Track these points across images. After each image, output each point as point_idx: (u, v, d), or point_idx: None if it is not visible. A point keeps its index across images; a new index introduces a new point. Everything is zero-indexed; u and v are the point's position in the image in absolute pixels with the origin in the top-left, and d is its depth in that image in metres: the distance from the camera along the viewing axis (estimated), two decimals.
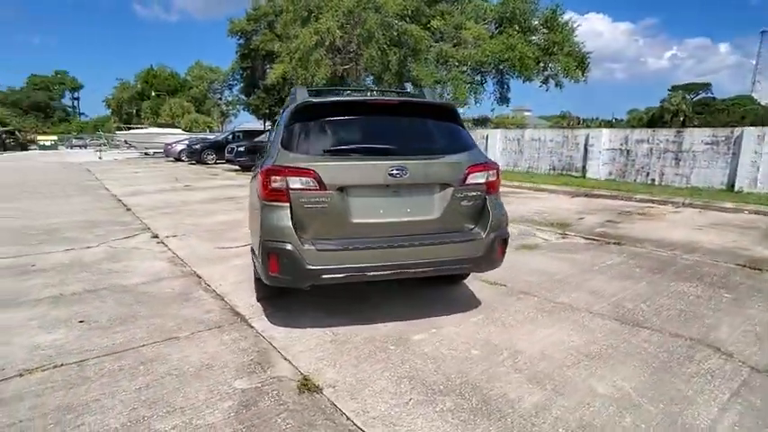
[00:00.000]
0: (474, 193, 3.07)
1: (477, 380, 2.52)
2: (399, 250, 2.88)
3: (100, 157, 26.34)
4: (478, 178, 3.08)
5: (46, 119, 61.66)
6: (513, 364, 2.70)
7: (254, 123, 36.40)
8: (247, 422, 2.13)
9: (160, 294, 3.83)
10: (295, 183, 2.77)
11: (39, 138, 40.77)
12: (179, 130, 31.06)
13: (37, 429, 2.05)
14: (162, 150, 24.88)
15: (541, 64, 18.15)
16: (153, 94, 48.08)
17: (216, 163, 20.03)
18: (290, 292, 3.73)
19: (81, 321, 3.24)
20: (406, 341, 3.00)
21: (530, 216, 7.79)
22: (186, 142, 23.18)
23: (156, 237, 6.02)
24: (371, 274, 2.88)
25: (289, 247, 2.73)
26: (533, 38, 18.50)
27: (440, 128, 3.29)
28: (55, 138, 41.81)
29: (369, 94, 3.73)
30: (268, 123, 34.27)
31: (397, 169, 2.84)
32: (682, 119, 42.20)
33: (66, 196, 9.99)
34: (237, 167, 17.50)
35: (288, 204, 2.78)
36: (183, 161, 21.80)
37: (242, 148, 18.10)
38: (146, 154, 28.23)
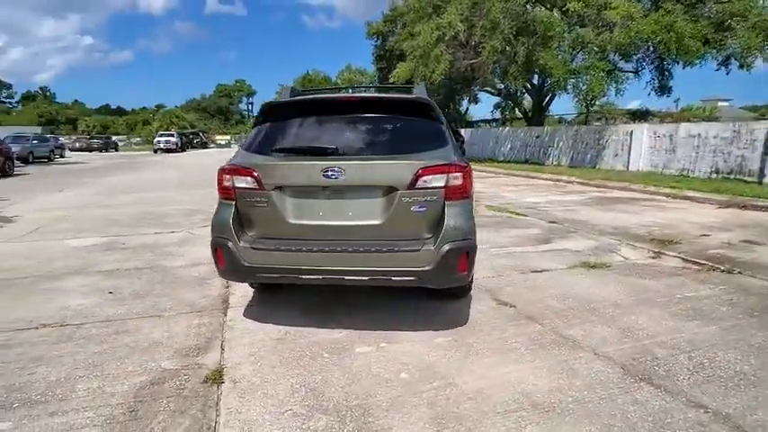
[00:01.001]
0: (426, 198, 2.79)
1: (375, 405, 2.32)
2: (336, 255, 2.80)
3: None
4: (433, 182, 2.79)
5: (226, 121, 75.06)
6: (432, 396, 2.40)
7: None
8: (140, 398, 2.38)
9: (185, 277, 4.43)
10: (240, 182, 2.93)
11: (217, 137, 49.87)
12: None
13: (3, 369, 2.64)
14: None
15: (708, 45, 14.80)
16: None
17: None
18: (281, 288, 3.94)
19: (110, 292, 3.97)
20: (347, 351, 2.91)
21: (632, 228, 6.57)
22: None
23: None
24: (305, 277, 2.88)
25: (229, 243, 2.91)
26: (704, 10, 15.22)
27: (403, 125, 3.07)
28: (228, 137, 50.60)
29: (350, 91, 3.65)
30: None
31: (332, 170, 2.76)
32: None
33: (200, 187, 12.08)
34: None
35: (233, 202, 2.96)
36: None
37: None
38: None
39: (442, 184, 2.80)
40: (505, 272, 4.58)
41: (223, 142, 48.60)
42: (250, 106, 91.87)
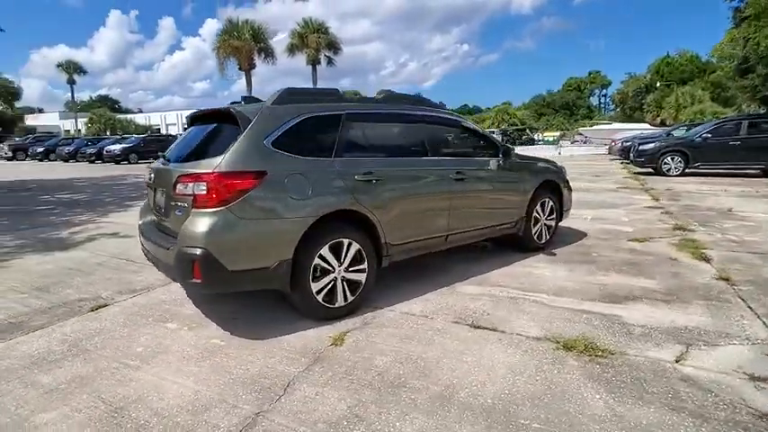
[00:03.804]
0: (181, 204, 3.16)
1: (80, 357, 3.10)
2: (149, 244, 3.60)
3: (559, 153, 29.83)
4: (186, 189, 3.13)
5: (571, 116, 73.29)
6: (107, 372, 2.93)
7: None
8: (59, 302, 4.05)
9: None
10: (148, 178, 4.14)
11: (546, 134, 49.98)
12: (645, 125, 29.27)
13: (72, 269, 4.94)
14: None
15: None
16: (658, 84, 46.32)
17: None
18: None
19: None
20: (162, 323, 3.62)
21: None
22: (628, 139, 21.58)
23: None
24: (147, 259, 3.79)
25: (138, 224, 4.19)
26: None
27: (213, 135, 3.45)
28: (557, 134, 49.56)
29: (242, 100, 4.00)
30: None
31: (151, 173, 3.57)
32: None
33: None
34: (650, 170, 15.36)
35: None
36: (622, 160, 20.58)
37: (649, 146, 15.77)
38: (609, 150, 28.83)
39: (191, 192, 3.08)
40: (437, 314, 3.73)
41: (551, 139, 48.12)
42: (603, 98, 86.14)
